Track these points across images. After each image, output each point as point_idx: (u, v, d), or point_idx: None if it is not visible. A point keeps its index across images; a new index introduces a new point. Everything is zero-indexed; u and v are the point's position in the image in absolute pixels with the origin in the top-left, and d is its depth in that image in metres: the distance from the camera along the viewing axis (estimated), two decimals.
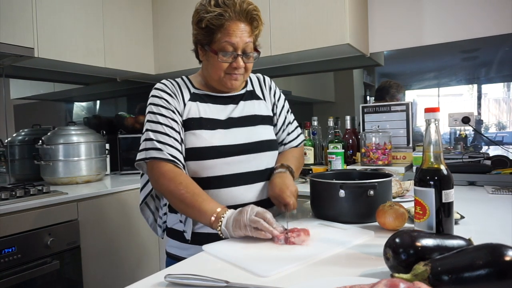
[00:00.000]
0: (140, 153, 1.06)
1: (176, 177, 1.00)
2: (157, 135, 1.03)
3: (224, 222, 0.90)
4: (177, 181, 0.99)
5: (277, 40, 2.19)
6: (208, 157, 1.05)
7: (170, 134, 1.03)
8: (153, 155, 1.02)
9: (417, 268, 0.57)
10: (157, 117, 1.05)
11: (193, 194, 0.97)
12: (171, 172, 1.00)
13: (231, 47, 1.03)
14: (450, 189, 0.75)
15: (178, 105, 1.08)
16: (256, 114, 1.16)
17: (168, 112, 1.06)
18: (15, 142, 2.24)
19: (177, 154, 1.03)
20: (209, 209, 0.94)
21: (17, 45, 1.90)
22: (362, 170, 1.52)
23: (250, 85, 1.22)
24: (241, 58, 1.06)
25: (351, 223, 0.99)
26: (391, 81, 2.29)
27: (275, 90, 1.27)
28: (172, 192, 0.99)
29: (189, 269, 0.71)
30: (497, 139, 2.01)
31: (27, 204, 1.59)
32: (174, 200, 1.01)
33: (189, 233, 1.06)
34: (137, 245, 2.12)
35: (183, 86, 1.12)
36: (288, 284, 0.63)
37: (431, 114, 0.76)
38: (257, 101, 1.20)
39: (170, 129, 1.04)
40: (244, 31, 1.04)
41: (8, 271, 1.52)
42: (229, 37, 1.02)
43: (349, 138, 2.14)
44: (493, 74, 2.01)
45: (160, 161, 1.01)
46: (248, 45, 1.06)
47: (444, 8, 2.10)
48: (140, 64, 2.62)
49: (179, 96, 1.09)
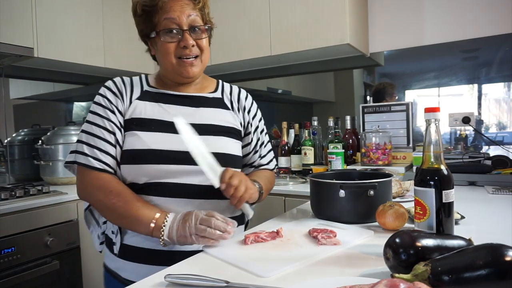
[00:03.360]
0: (70, 155, 0.97)
1: (105, 184, 0.90)
2: (88, 138, 0.94)
3: (166, 232, 0.82)
4: (106, 190, 0.89)
5: (277, 40, 2.19)
6: (145, 161, 0.92)
7: (104, 137, 0.93)
8: (80, 161, 0.92)
9: (417, 268, 0.57)
10: (95, 118, 0.96)
11: (126, 202, 0.87)
12: (99, 180, 0.91)
13: (173, 23, 0.94)
14: (450, 189, 0.75)
15: (122, 104, 0.98)
16: (220, 124, 1.02)
17: (106, 112, 0.95)
18: (15, 142, 2.24)
19: (107, 160, 0.93)
20: (145, 216, 0.85)
21: (17, 45, 1.90)
22: (362, 170, 1.52)
23: (220, 92, 1.09)
24: (188, 34, 0.94)
25: (351, 223, 0.99)
26: (383, 83, 2.31)
27: (250, 108, 1.13)
28: (101, 202, 0.90)
29: (189, 269, 0.71)
30: (497, 139, 2.01)
31: (26, 204, 1.59)
32: (106, 210, 0.91)
33: (118, 245, 0.95)
34: None
35: (135, 84, 1.03)
36: (288, 284, 0.63)
37: (431, 114, 0.76)
38: (225, 110, 1.06)
39: (105, 132, 0.94)
40: (184, 4, 0.94)
41: (8, 271, 1.51)
42: (167, 14, 0.93)
43: (349, 138, 2.14)
44: (493, 74, 2.01)
45: (87, 168, 0.91)
46: (194, 19, 0.95)
47: (444, 8, 2.09)
48: (140, 64, 2.61)
49: (125, 95, 0.99)
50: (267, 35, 2.20)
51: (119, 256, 0.96)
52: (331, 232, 0.87)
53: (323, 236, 0.84)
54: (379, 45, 2.29)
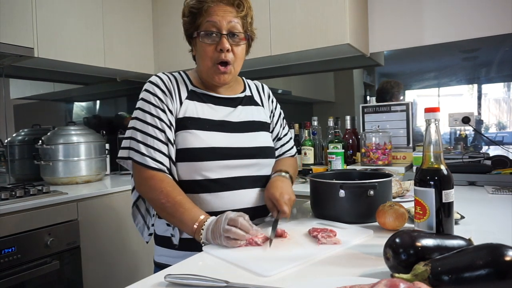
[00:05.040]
0: (123, 150, 1.02)
1: (157, 185, 0.96)
2: (143, 136, 0.99)
3: (204, 234, 0.87)
4: (158, 190, 0.95)
5: (277, 40, 2.19)
6: (205, 158, 0.99)
7: (157, 136, 0.99)
8: (136, 159, 0.98)
9: (417, 268, 0.57)
10: (146, 116, 1.00)
11: (174, 203, 0.93)
12: (152, 179, 0.96)
13: (213, 26, 0.99)
14: (450, 189, 0.75)
15: (172, 104, 1.02)
16: (255, 120, 1.13)
17: (158, 111, 1.00)
18: (15, 142, 2.24)
19: (162, 159, 0.98)
20: (190, 219, 0.90)
21: (17, 45, 1.90)
22: (362, 170, 1.52)
23: (248, 90, 1.19)
24: (225, 38, 0.99)
25: (351, 223, 0.99)
26: (391, 81, 2.28)
27: (272, 98, 1.26)
28: (153, 200, 0.97)
29: (189, 269, 0.71)
30: (497, 139, 2.01)
31: (27, 204, 1.59)
32: (157, 208, 0.99)
33: (177, 237, 1.01)
34: (137, 245, 2.12)
35: (180, 82, 1.07)
36: (288, 284, 0.63)
37: (431, 114, 0.76)
38: (256, 107, 1.17)
39: (158, 131, 0.99)
40: (227, 11, 1.00)
41: (8, 271, 1.51)
42: (210, 17, 0.99)
43: (349, 138, 2.14)
44: (493, 74, 2.01)
45: (142, 166, 0.97)
46: (234, 25, 1.00)
47: (444, 8, 2.10)
48: (140, 64, 2.62)
49: (174, 94, 1.03)
50: (267, 35, 2.20)
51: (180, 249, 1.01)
52: (331, 231, 0.87)
53: (323, 236, 0.84)
54: (379, 45, 2.29)
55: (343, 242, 0.83)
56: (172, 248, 1.03)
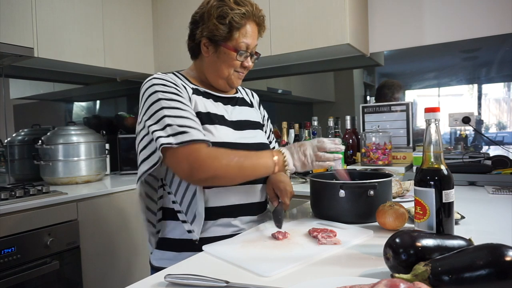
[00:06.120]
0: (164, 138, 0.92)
1: (219, 151, 0.95)
2: (183, 120, 0.94)
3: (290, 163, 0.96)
4: (224, 153, 0.95)
5: (277, 40, 2.19)
6: None
7: (193, 118, 0.97)
8: (194, 138, 0.92)
9: (417, 268, 0.57)
10: (173, 102, 0.96)
11: (245, 155, 0.96)
12: (214, 149, 0.96)
13: (246, 47, 1.07)
14: (450, 189, 0.75)
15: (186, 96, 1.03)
16: (251, 120, 1.18)
17: (181, 98, 0.99)
18: (15, 142, 2.24)
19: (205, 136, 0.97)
20: (266, 158, 0.96)
21: (16, 45, 1.90)
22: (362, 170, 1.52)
23: (239, 92, 1.24)
24: (250, 58, 1.10)
25: (351, 223, 0.99)
26: (392, 81, 2.28)
27: (259, 102, 1.32)
28: (226, 165, 0.93)
29: (189, 269, 0.71)
30: (497, 139, 2.01)
31: (26, 204, 1.59)
32: (231, 171, 0.94)
33: (198, 231, 0.99)
34: (137, 245, 2.12)
35: (182, 80, 1.08)
36: (288, 284, 0.63)
37: (431, 114, 0.76)
38: (249, 108, 1.22)
39: (190, 114, 0.97)
40: (255, 33, 1.09)
41: (8, 271, 1.51)
42: (245, 38, 1.05)
43: (349, 138, 2.14)
44: (493, 74, 2.01)
45: (197, 143, 0.93)
46: (256, 47, 1.11)
47: (444, 8, 2.10)
48: (140, 64, 2.62)
49: (182, 89, 1.03)
50: (267, 35, 2.20)
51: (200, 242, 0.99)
52: (331, 231, 0.87)
53: (323, 236, 0.84)
54: (379, 45, 2.29)
55: (343, 242, 0.83)
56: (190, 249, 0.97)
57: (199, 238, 1.00)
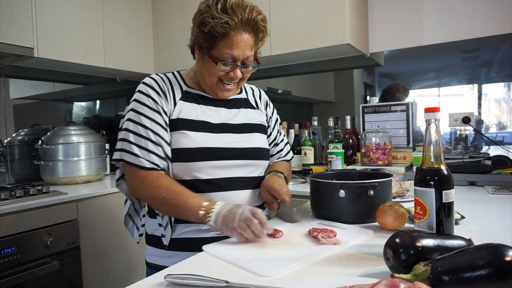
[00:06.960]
0: (117, 152, 1.00)
1: (154, 181, 0.96)
2: (137, 138, 0.98)
3: (213, 218, 0.89)
4: (156, 185, 0.95)
5: (277, 40, 2.19)
6: (196, 158, 1.00)
7: (151, 138, 0.98)
8: (130, 160, 0.97)
9: (417, 268, 0.57)
10: (140, 118, 0.99)
11: (175, 193, 0.94)
12: (148, 178, 0.97)
13: (231, 58, 0.99)
14: (450, 189, 0.75)
15: (166, 105, 1.02)
16: (250, 122, 1.14)
17: (153, 113, 1.00)
18: (15, 142, 2.24)
19: (156, 160, 0.98)
20: (195, 204, 0.92)
21: (16, 45, 1.90)
22: (362, 170, 1.52)
23: (244, 93, 1.20)
24: (239, 69, 1.01)
25: (351, 223, 0.99)
26: (399, 84, 2.27)
27: (270, 104, 1.28)
28: (152, 198, 0.97)
29: (189, 269, 0.71)
30: (497, 139, 2.01)
31: (26, 204, 1.59)
32: (157, 204, 0.98)
33: (168, 238, 1.02)
34: (137, 245, 2.12)
35: (174, 84, 1.07)
36: (288, 284, 0.63)
37: (431, 114, 0.76)
38: (251, 109, 1.18)
39: (152, 133, 0.98)
40: (247, 43, 0.98)
41: (8, 271, 1.51)
42: (230, 49, 0.97)
43: (349, 138, 2.14)
44: (493, 74, 2.01)
45: (137, 168, 0.97)
46: (249, 57, 1.01)
47: (444, 8, 2.09)
48: (140, 64, 2.62)
49: (169, 95, 1.03)
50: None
51: (169, 248, 1.02)
52: (331, 231, 0.87)
53: (323, 236, 0.84)
54: (379, 45, 2.29)
55: (343, 242, 0.83)
56: (162, 248, 1.04)
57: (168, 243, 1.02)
